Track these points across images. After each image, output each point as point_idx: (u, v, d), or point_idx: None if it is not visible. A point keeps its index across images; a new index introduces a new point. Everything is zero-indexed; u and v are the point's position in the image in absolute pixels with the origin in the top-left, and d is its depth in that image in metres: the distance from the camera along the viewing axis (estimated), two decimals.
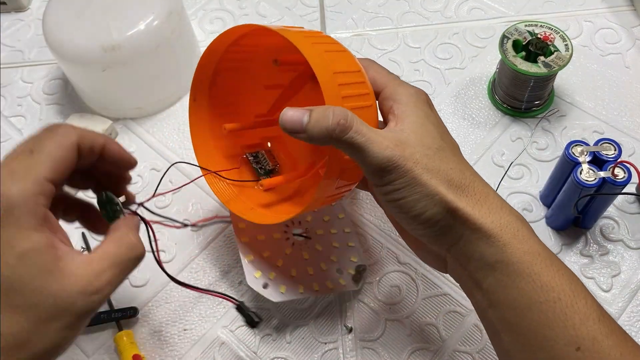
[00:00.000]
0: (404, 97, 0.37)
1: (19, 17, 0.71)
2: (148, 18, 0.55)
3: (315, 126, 0.33)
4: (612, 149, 0.44)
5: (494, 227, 0.33)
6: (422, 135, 0.35)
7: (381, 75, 0.39)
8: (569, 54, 0.52)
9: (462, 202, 0.34)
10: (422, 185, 0.33)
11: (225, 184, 0.48)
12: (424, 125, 0.35)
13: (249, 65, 0.48)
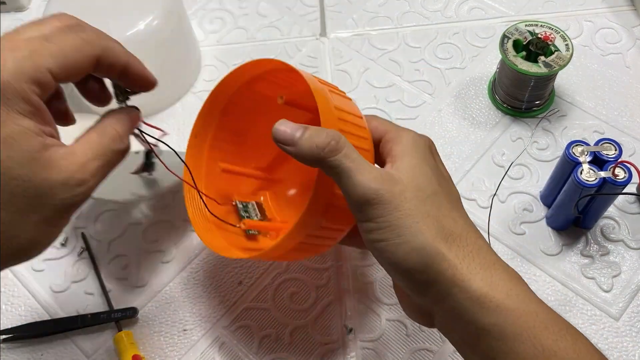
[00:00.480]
0: (404, 139, 0.35)
1: (19, 17, 0.71)
2: (148, 18, 0.55)
3: (307, 141, 0.32)
4: (613, 149, 0.44)
5: (484, 285, 0.30)
6: (416, 176, 0.33)
7: (384, 123, 0.37)
8: (569, 54, 0.52)
9: (451, 253, 0.31)
10: (407, 228, 0.31)
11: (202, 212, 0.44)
12: (419, 166, 0.34)
13: (259, 109, 0.46)
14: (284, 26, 0.67)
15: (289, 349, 0.46)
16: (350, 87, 0.61)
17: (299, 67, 0.62)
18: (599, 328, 0.45)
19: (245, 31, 0.67)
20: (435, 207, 0.32)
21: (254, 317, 0.48)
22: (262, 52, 0.65)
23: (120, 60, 0.33)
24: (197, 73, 0.63)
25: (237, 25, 0.68)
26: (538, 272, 0.48)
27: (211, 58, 0.65)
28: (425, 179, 0.33)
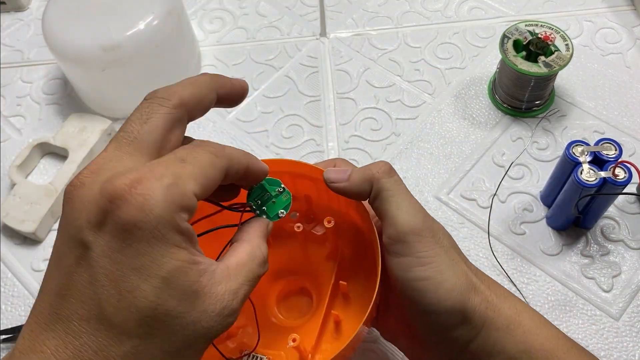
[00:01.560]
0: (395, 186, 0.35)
1: (19, 17, 0.71)
2: (148, 18, 0.55)
3: (358, 172, 0.33)
4: (613, 149, 0.44)
5: (512, 313, 0.31)
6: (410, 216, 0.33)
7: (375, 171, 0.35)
8: (569, 54, 0.52)
9: (482, 285, 0.32)
10: (448, 265, 0.31)
11: None
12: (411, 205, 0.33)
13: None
14: (284, 26, 0.67)
15: None
16: (350, 87, 0.61)
17: (299, 66, 0.63)
18: (599, 328, 0.45)
19: (245, 31, 0.67)
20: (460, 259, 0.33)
21: None
22: (262, 52, 0.65)
23: (242, 162, 0.30)
24: (197, 73, 0.63)
25: (237, 25, 0.68)
26: (538, 272, 0.48)
27: (211, 58, 0.65)
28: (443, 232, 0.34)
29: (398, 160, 0.55)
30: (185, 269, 0.25)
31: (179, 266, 0.24)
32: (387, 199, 0.32)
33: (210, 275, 0.26)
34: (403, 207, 0.32)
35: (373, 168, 0.33)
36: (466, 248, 0.49)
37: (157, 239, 0.24)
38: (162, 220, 0.24)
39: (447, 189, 0.53)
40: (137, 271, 0.24)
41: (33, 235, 0.52)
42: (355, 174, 0.33)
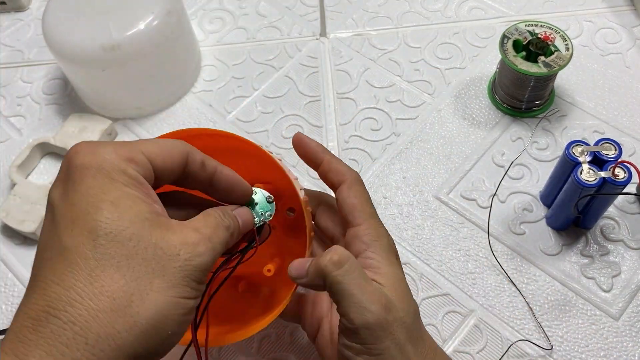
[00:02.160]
0: (378, 246, 0.35)
1: (19, 17, 0.71)
2: (148, 18, 0.55)
3: (313, 266, 0.33)
4: (613, 149, 0.44)
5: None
6: (401, 295, 0.33)
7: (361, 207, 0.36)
8: (569, 54, 0.52)
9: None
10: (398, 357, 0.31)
11: None
12: (401, 283, 0.34)
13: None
14: (284, 26, 0.67)
15: (289, 349, 0.46)
16: (350, 87, 0.61)
17: (299, 67, 0.63)
18: (598, 328, 0.45)
19: (245, 31, 0.67)
20: (416, 328, 0.33)
21: None
22: (262, 52, 0.65)
23: (209, 162, 0.31)
24: (197, 73, 0.63)
25: (237, 25, 0.68)
26: (538, 272, 0.48)
27: (211, 58, 0.65)
28: (408, 296, 0.34)
29: (398, 160, 0.55)
30: (133, 198, 0.26)
31: (126, 195, 0.26)
32: (337, 292, 0.32)
33: (166, 219, 0.28)
34: (354, 301, 0.31)
35: (322, 260, 0.32)
36: (466, 248, 0.50)
37: (103, 175, 0.26)
38: (108, 161, 0.27)
39: (447, 189, 0.53)
40: (87, 202, 0.26)
41: (33, 235, 0.52)
42: (312, 268, 0.33)
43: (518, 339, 0.45)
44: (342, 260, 0.32)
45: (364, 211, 0.36)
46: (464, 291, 0.48)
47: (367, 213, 0.36)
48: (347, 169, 0.38)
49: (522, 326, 0.46)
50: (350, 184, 0.37)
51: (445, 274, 0.49)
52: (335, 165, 0.38)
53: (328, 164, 0.38)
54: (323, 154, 0.39)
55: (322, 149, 0.39)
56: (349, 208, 0.36)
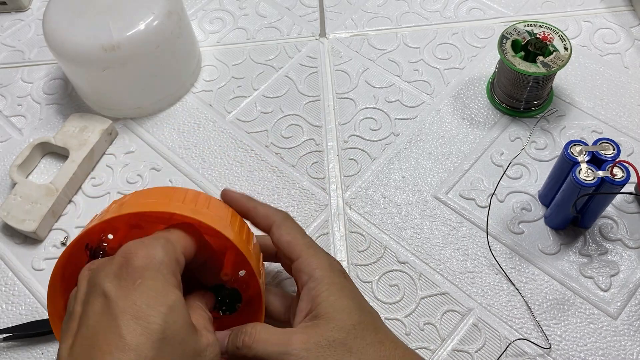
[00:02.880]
0: (318, 272, 0.37)
1: (19, 17, 0.71)
2: (148, 18, 0.55)
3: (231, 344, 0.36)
4: (611, 148, 0.44)
5: None
6: (335, 314, 0.35)
7: (296, 242, 0.38)
8: (567, 54, 0.52)
9: None
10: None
11: None
12: (338, 301, 0.36)
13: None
14: (284, 26, 0.67)
15: None
16: (349, 87, 0.61)
17: (298, 67, 0.63)
18: (597, 327, 0.45)
19: (245, 31, 0.67)
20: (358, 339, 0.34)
21: None
22: (262, 53, 0.65)
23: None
24: (197, 73, 0.64)
25: (237, 26, 0.68)
26: (536, 271, 0.48)
27: (211, 58, 0.65)
28: (345, 313, 0.35)
29: (397, 160, 0.55)
30: (182, 304, 0.31)
31: (179, 300, 0.31)
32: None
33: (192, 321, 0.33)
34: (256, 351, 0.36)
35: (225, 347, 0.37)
36: (465, 247, 0.50)
37: (160, 278, 0.31)
38: (163, 264, 0.31)
39: (445, 189, 0.53)
40: (147, 303, 0.29)
41: (34, 234, 0.52)
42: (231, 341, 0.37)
43: (516, 337, 0.45)
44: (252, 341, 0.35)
45: (299, 244, 0.38)
46: (463, 290, 0.48)
47: (301, 245, 0.38)
48: (273, 211, 0.40)
49: (521, 325, 0.46)
50: (279, 223, 0.39)
51: (444, 273, 0.49)
52: (261, 210, 0.40)
53: (254, 210, 0.40)
54: (248, 203, 0.40)
55: (246, 198, 0.41)
56: (284, 246, 0.38)
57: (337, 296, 0.36)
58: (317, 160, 0.56)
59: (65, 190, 0.54)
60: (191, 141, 0.59)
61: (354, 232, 0.51)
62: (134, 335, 0.28)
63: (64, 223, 0.54)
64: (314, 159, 0.56)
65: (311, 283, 0.36)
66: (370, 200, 0.53)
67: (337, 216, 0.53)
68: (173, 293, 0.31)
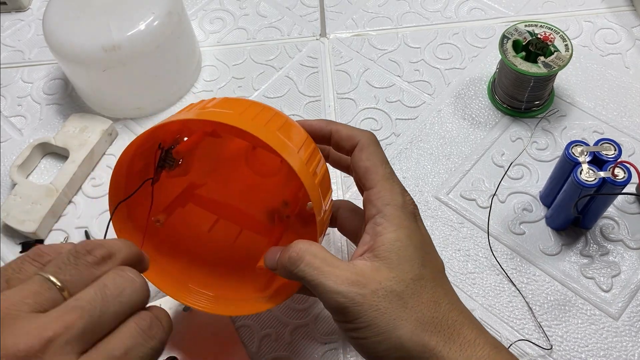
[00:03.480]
0: (389, 209, 0.34)
1: (19, 17, 0.71)
2: (148, 18, 0.55)
3: (279, 262, 0.34)
4: (612, 149, 0.44)
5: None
6: (398, 263, 0.32)
7: (375, 169, 0.35)
8: (569, 54, 0.52)
9: (432, 340, 0.31)
10: (384, 326, 0.30)
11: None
12: (404, 248, 0.32)
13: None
14: (284, 26, 0.67)
15: (289, 348, 0.46)
16: (350, 87, 0.61)
17: (299, 67, 0.63)
18: (598, 328, 0.45)
19: (245, 31, 0.67)
20: (415, 296, 0.31)
21: (254, 316, 0.48)
22: (262, 53, 0.65)
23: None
24: (197, 73, 0.64)
25: (237, 26, 0.68)
26: (538, 272, 0.48)
27: (211, 58, 0.65)
28: (408, 263, 0.32)
29: (398, 160, 0.55)
30: None
31: None
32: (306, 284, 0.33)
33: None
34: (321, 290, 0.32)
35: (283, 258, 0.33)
36: (466, 248, 0.50)
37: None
38: None
39: (446, 189, 0.53)
40: None
41: (34, 235, 0.52)
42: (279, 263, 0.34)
43: (518, 338, 0.45)
44: (300, 255, 0.32)
45: (377, 173, 0.35)
46: (464, 291, 0.48)
47: (379, 175, 0.35)
48: (358, 132, 0.37)
49: (522, 326, 0.46)
50: (362, 146, 0.36)
51: None
52: (344, 132, 0.37)
53: (337, 133, 0.37)
54: (329, 126, 0.37)
55: (325, 122, 0.38)
56: (362, 172, 0.35)
57: (403, 242, 0.32)
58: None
59: (65, 191, 0.54)
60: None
61: None
62: None
63: (64, 223, 0.54)
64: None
65: (379, 219, 0.33)
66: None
67: None
68: None
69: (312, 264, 0.32)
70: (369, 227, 0.34)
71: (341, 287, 0.31)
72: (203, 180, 0.44)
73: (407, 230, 0.33)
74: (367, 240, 0.33)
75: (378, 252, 0.32)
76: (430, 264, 0.33)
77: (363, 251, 0.33)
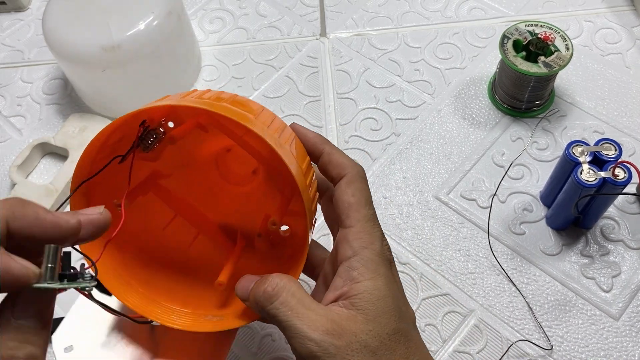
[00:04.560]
0: (367, 254, 0.32)
1: (19, 17, 0.71)
2: (148, 18, 0.55)
3: (251, 294, 0.31)
4: (613, 149, 0.44)
5: None
6: (375, 315, 0.30)
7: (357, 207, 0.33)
8: (569, 54, 0.52)
9: None
10: None
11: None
12: (382, 299, 0.31)
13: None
14: (284, 26, 0.67)
15: (289, 349, 0.46)
16: (350, 87, 0.61)
17: (299, 67, 0.63)
18: (598, 328, 0.45)
19: (245, 31, 0.67)
20: (389, 353, 0.30)
21: None
22: (262, 52, 0.65)
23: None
24: (197, 73, 0.63)
25: (237, 26, 0.68)
26: (538, 272, 0.48)
27: (211, 58, 0.65)
28: (386, 317, 0.30)
29: (398, 160, 0.55)
30: None
31: None
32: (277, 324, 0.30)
33: None
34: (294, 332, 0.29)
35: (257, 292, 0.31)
36: (466, 248, 0.50)
37: None
38: None
39: (447, 189, 0.53)
40: None
41: None
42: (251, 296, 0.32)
43: (518, 339, 0.45)
44: (276, 292, 0.30)
45: (360, 212, 0.33)
46: (464, 291, 0.48)
47: (362, 215, 0.33)
48: (349, 162, 0.35)
49: (522, 326, 0.46)
50: (350, 179, 0.34)
51: (445, 274, 0.49)
52: (336, 157, 0.35)
53: (328, 155, 0.35)
54: (322, 145, 0.35)
55: (321, 139, 0.36)
56: (345, 207, 0.33)
57: (381, 292, 0.31)
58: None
59: (65, 191, 0.54)
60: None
61: None
62: None
63: None
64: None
65: (355, 262, 0.31)
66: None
67: None
68: None
69: (288, 303, 0.30)
70: (342, 269, 0.32)
71: (315, 334, 0.29)
72: (168, 172, 0.40)
73: (385, 278, 0.31)
74: (340, 285, 0.31)
75: (354, 300, 0.30)
76: (406, 316, 0.32)
77: (337, 296, 0.31)
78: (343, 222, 0.33)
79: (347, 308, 0.30)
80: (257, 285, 0.31)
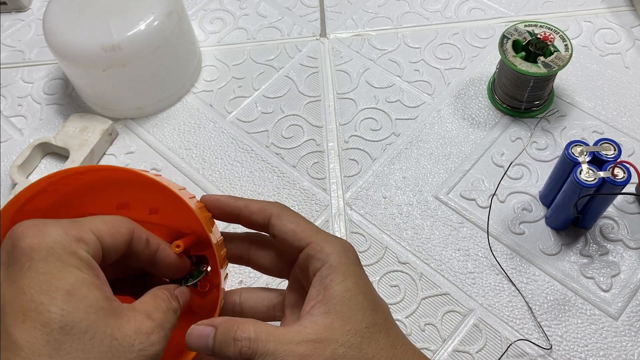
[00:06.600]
0: (333, 257, 0.33)
1: (20, 17, 0.71)
2: (148, 18, 0.55)
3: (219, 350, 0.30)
4: (612, 149, 0.44)
5: None
6: (351, 313, 0.31)
7: (302, 228, 0.34)
8: (568, 54, 0.52)
9: None
10: None
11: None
12: (354, 298, 0.32)
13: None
14: (284, 27, 0.67)
15: None
16: (350, 87, 0.61)
17: (299, 67, 0.63)
18: (598, 327, 0.45)
19: (245, 31, 0.67)
20: (373, 343, 0.31)
21: None
22: (262, 53, 0.65)
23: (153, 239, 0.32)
24: (197, 73, 0.64)
25: (238, 26, 0.68)
26: (537, 271, 0.48)
27: (211, 58, 0.65)
28: (361, 311, 0.31)
29: (397, 160, 0.55)
30: (88, 285, 0.26)
31: (83, 280, 0.26)
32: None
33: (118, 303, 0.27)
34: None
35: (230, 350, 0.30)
36: (465, 248, 0.50)
37: (54, 258, 0.25)
38: (58, 243, 0.26)
39: (446, 189, 0.53)
40: (39, 290, 0.24)
41: None
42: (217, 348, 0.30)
43: (517, 338, 0.45)
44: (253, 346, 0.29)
45: (306, 230, 0.34)
46: (464, 291, 0.48)
47: (310, 230, 0.34)
48: (268, 204, 0.36)
49: (522, 326, 0.46)
50: (279, 213, 0.35)
51: (445, 273, 0.49)
52: (254, 205, 0.36)
53: (246, 208, 0.36)
54: (236, 202, 0.36)
55: (233, 199, 0.36)
56: (290, 235, 0.34)
57: (353, 291, 0.32)
58: (318, 161, 0.56)
59: None
60: (191, 141, 0.59)
61: (354, 232, 0.51)
62: (22, 331, 0.24)
63: None
64: (315, 160, 0.56)
65: (325, 270, 0.32)
66: (370, 200, 0.53)
67: (337, 217, 0.52)
68: (71, 274, 0.25)
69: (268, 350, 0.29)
70: (315, 280, 0.33)
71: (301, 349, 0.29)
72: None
73: (354, 276, 0.33)
74: (315, 295, 0.32)
75: (329, 306, 0.31)
76: (379, 308, 0.33)
77: (311, 306, 0.32)
78: (297, 247, 0.34)
79: (322, 316, 0.31)
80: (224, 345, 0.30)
